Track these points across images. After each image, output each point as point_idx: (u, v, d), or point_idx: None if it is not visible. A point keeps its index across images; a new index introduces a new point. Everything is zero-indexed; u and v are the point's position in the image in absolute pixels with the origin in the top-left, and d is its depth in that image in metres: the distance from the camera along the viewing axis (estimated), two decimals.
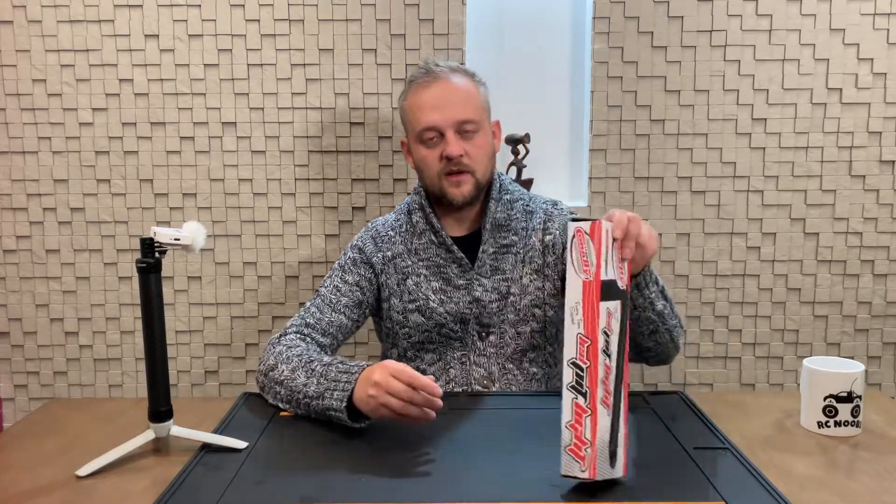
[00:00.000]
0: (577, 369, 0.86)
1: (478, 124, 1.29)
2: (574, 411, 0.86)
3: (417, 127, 1.29)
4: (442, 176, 1.29)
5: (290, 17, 1.73)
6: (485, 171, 1.31)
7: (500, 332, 1.32)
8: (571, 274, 0.86)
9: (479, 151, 1.29)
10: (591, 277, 0.85)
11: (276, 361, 1.19)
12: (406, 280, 1.33)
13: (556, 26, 1.81)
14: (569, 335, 0.86)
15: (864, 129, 1.76)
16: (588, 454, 0.85)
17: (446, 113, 1.27)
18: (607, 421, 0.86)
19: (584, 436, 0.85)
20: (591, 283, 0.85)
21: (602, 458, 0.86)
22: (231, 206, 1.79)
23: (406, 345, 1.35)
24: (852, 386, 1.06)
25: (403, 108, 1.34)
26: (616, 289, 0.87)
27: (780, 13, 1.73)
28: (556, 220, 1.35)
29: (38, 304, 1.81)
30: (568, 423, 0.86)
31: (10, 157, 1.77)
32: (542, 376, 1.35)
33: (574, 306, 0.86)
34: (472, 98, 1.30)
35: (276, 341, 1.25)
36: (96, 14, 1.72)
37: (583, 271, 0.86)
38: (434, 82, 1.29)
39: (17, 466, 1.00)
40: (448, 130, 1.27)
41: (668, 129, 1.77)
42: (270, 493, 0.89)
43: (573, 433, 0.86)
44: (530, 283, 1.32)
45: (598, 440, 0.85)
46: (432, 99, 1.28)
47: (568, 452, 0.86)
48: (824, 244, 1.81)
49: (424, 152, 1.30)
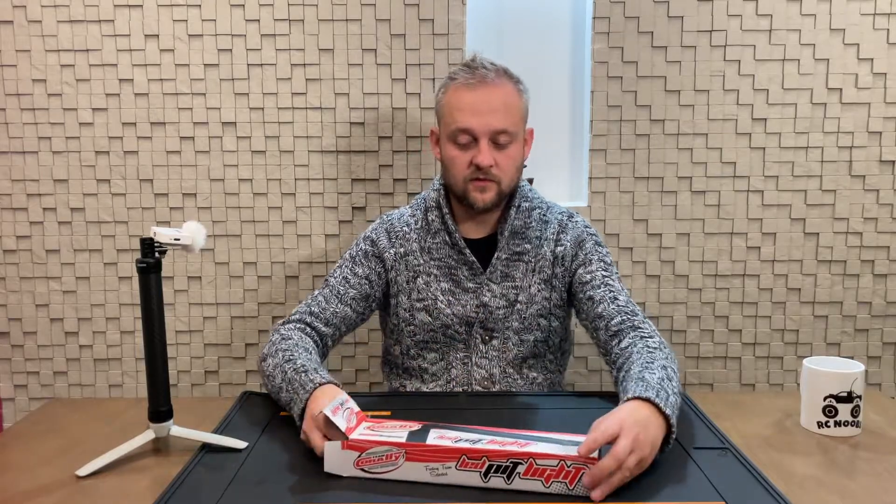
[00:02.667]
0: None
1: (513, 136, 1.27)
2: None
3: (452, 126, 1.27)
4: (468, 181, 1.27)
5: (290, 17, 1.73)
6: (511, 181, 1.30)
7: (503, 338, 1.32)
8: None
9: (510, 162, 1.28)
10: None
11: (269, 352, 1.21)
12: (416, 278, 1.33)
13: (556, 26, 1.81)
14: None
15: (864, 129, 1.76)
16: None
17: (484, 119, 1.24)
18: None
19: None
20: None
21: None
22: (231, 206, 1.79)
23: (410, 342, 1.35)
24: (852, 386, 1.06)
25: (441, 102, 1.31)
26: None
27: (780, 13, 1.73)
28: (568, 233, 1.34)
29: (38, 304, 1.81)
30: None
31: (10, 157, 1.77)
32: (543, 381, 1.35)
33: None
34: (512, 108, 1.27)
35: (277, 328, 1.27)
36: (96, 14, 1.72)
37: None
38: (478, 85, 1.25)
39: (17, 466, 1.00)
40: (483, 138, 1.25)
41: (668, 129, 1.77)
42: (270, 493, 0.89)
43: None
44: (538, 293, 1.32)
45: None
46: (473, 102, 1.25)
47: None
48: (824, 244, 1.81)
49: (455, 153, 1.28)
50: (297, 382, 1.09)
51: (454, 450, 0.90)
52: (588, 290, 1.28)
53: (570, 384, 1.85)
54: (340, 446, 0.92)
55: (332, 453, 0.93)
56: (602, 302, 1.26)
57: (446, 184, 1.34)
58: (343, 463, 0.92)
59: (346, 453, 0.92)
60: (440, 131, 1.33)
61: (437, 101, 1.33)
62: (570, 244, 1.33)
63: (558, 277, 1.32)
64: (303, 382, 1.08)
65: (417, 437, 0.93)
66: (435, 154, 1.36)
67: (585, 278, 1.30)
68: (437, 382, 1.34)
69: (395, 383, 1.41)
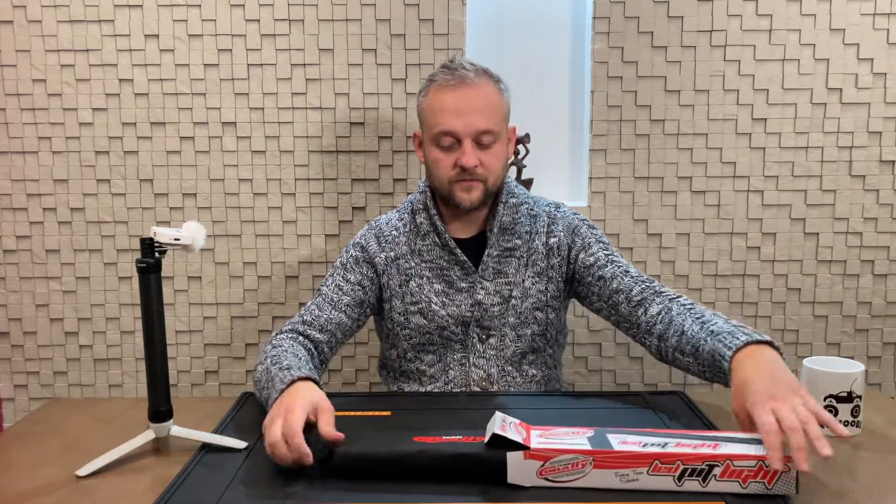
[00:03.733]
0: None
1: (496, 135, 1.26)
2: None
3: (435, 129, 1.27)
4: (453, 181, 1.27)
5: (290, 17, 1.73)
6: (497, 179, 1.30)
7: (500, 335, 1.32)
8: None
9: (494, 161, 1.28)
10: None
11: (259, 361, 1.19)
12: (409, 282, 1.33)
13: (556, 26, 1.81)
14: None
15: (864, 129, 1.76)
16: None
17: (467, 120, 1.24)
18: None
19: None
20: None
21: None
22: (231, 206, 1.79)
23: (406, 346, 1.35)
24: (852, 386, 1.06)
25: (422, 105, 1.31)
26: None
27: (780, 13, 1.73)
28: (559, 223, 1.34)
29: (38, 304, 1.81)
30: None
31: (10, 157, 1.77)
32: (542, 378, 1.35)
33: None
34: (494, 107, 1.27)
35: (270, 340, 1.25)
36: (96, 14, 1.72)
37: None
38: (458, 86, 1.25)
39: (17, 466, 1.00)
40: (466, 139, 1.25)
41: (668, 129, 1.77)
42: (270, 493, 0.89)
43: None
44: (532, 286, 1.32)
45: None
46: (454, 104, 1.25)
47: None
48: (824, 244, 1.81)
49: (438, 155, 1.28)
50: (278, 378, 1.06)
51: (646, 455, 0.86)
52: (596, 272, 1.29)
53: (570, 384, 1.85)
54: (523, 456, 0.88)
55: (514, 464, 0.88)
56: (615, 278, 1.27)
57: (431, 186, 1.34)
58: (526, 473, 0.88)
59: (529, 463, 0.88)
60: (423, 134, 1.33)
61: (418, 105, 1.33)
62: (564, 233, 1.33)
63: (554, 268, 1.32)
64: (282, 377, 1.06)
65: (599, 443, 0.89)
66: (419, 157, 1.36)
67: (589, 261, 1.30)
68: (436, 384, 1.34)
69: (393, 387, 1.41)
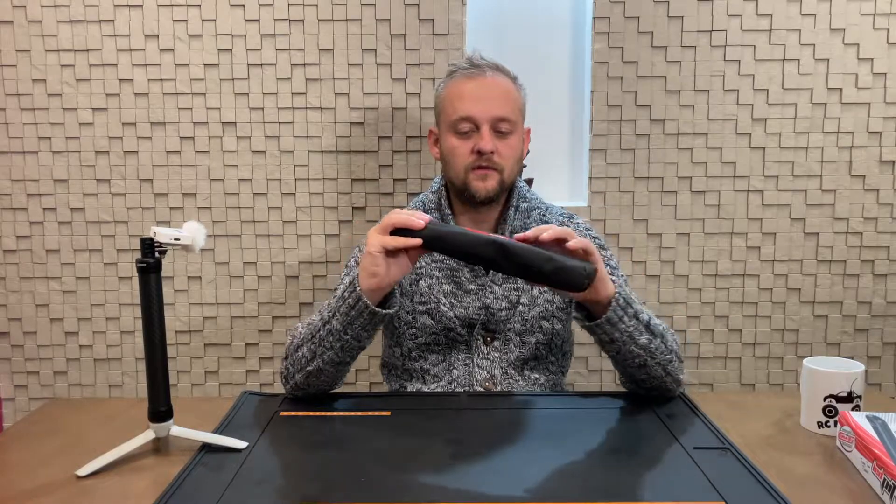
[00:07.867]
0: None
1: (513, 125, 1.28)
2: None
3: (453, 115, 1.28)
4: (469, 169, 1.28)
5: (290, 17, 1.73)
6: (511, 172, 1.30)
7: (505, 339, 1.31)
8: None
9: (510, 152, 1.28)
10: None
11: (296, 343, 1.19)
12: (419, 281, 1.33)
13: (556, 26, 1.81)
14: None
15: (864, 129, 1.76)
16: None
17: (486, 106, 1.26)
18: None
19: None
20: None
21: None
22: (231, 206, 1.79)
23: (412, 345, 1.34)
24: (852, 386, 1.06)
25: (440, 96, 1.32)
26: None
27: (780, 13, 1.73)
28: None
29: (38, 304, 1.81)
30: None
31: (10, 157, 1.77)
32: (545, 382, 1.35)
33: None
34: (512, 98, 1.29)
35: (293, 327, 1.25)
36: (96, 14, 1.72)
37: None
38: (478, 75, 1.28)
39: (17, 466, 1.00)
40: (484, 125, 1.26)
41: (668, 129, 1.77)
42: (270, 493, 0.89)
43: None
44: (541, 295, 1.31)
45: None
46: (474, 90, 1.27)
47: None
48: (824, 244, 1.81)
49: (456, 143, 1.28)
50: (336, 300, 1.13)
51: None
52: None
53: (571, 384, 1.85)
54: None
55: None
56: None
57: (447, 179, 1.34)
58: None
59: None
60: (440, 126, 1.33)
61: (436, 97, 1.34)
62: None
63: None
64: (340, 293, 1.12)
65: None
66: (434, 154, 1.36)
67: None
68: (439, 383, 1.33)
69: (395, 385, 1.40)
